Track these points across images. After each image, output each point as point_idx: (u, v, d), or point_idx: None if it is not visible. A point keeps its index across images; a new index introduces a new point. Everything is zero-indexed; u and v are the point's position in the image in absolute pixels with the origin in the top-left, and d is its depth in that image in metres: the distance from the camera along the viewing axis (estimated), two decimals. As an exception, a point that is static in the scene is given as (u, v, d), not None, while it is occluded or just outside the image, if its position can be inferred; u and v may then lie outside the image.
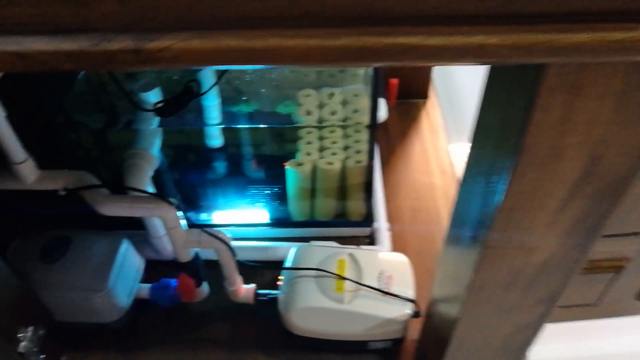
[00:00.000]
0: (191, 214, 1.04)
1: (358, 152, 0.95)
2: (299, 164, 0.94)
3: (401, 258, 0.91)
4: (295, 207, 1.02)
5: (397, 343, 0.88)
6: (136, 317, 0.95)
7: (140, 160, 0.84)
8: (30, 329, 0.80)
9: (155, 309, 0.96)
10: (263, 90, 0.97)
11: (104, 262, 0.87)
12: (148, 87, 0.86)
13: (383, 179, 1.15)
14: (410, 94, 1.35)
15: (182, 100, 0.79)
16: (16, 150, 0.71)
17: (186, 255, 0.82)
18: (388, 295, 0.84)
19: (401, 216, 1.11)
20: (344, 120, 0.96)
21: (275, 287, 0.92)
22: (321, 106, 0.96)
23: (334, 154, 0.95)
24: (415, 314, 0.85)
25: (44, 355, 0.79)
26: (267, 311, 0.95)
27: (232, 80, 0.94)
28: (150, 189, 0.85)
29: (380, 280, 0.86)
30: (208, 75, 0.82)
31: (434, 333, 0.83)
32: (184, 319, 0.96)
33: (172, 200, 0.73)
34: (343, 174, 0.96)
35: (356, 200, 1.02)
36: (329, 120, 0.95)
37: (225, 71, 0.79)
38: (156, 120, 0.88)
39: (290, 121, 0.96)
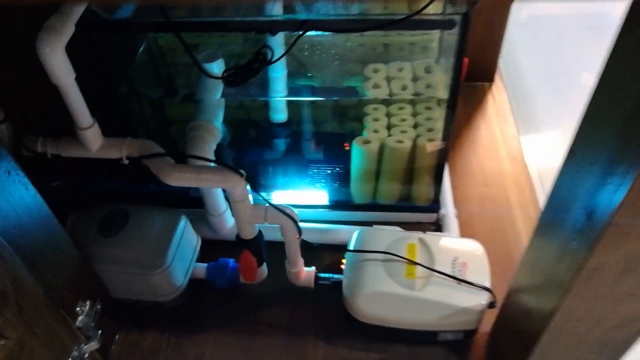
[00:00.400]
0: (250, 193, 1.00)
1: (430, 130, 0.89)
2: (366, 142, 0.89)
3: (475, 245, 0.85)
4: (358, 189, 0.97)
5: (469, 335, 0.82)
6: (192, 297, 0.91)
7: (203, 133, 0.80)
8: (88, 303, 0.77)
9: (212, 289, 0.92)
10: (329, 64, 0.92)
11: (163, 238, 0.84)
12: (211, 58, 0.82)
13: (448, 163, 1.08)
14: (476, 77, 1.27)
15: (253, 69, 0.74)
16: (84, 114, 0.68)
17: (251, 232, 0.77)
18: (463, 283, 0.78)
19: (468, 203, 1.04)
20: (415, 95, 0.90)
21: (337, 272, 0.88)
22: (390, 80, 0.90)
23: (403, 131, 0.89)
24: (491, 305, 0.79)
25: (100, 331, 0.76)
26: (327, 296, 0.91)
27: (297, 54, 0.89)
28: (213, 162, 0.81)
29: (454, 267, 0.80)
30: (278, 42, 0.77)
31: (512, 326, 0.77)
32: (241, 301, 0.92)
33: (242, 171, 0.69)
34: (413, 153, 0.90)
35: (424, 183, 0.95)
36: (399, 94, 0.89)
37: (297, 38, 0.74)
38: (220, 90, 0.84)
39: (357, 95, 0.90)
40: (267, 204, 0.75)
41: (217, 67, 0.83)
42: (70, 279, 0.73)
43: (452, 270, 0.79)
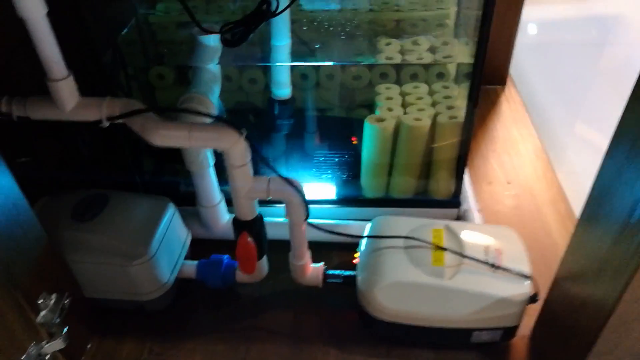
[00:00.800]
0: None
1: (450, 107, 0.80)
2: (380, 120, 0.79)
3: (508, 231, 0.74)
4: (369, 179, 0.86)
5: (507, 336, 0.69)
6: (179, 300, 0.78)
7: (197, 106, 0.70)
8: (54, 296, 0.64)
9: (203, 291, 0.80)
10: (335, 40, 0.84)
11: (147, 225, 0.72)
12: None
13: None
14: (488, 80, 1.21)
15: (251, 22, 0.65)
16: (57, 62, 0.58)
17: (250, 210, 0.66)
18: (500, 271, 0.67)
19: (491, 200, 0.94)
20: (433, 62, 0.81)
21: (349, 269, 0.76)
22: (404, 52, 0.82)
23: (420, 109, 0.80)
24: (533, 299, 0.67)
25: (66, 327, 0.63)
26: (337, 299, 0.78)
27: (301, 31, 0.81)
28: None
29: (487, 254, 0.68)
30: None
31: (560, 324, 0.65)
32: (237, 304, 0.79)
33: (242, 129, 0.58)
34: (432, 133, 0.80)
35: (443, 175, 0.85)
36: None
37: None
38: (216, 61, 0.75)
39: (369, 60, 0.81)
40: (269, 177, 0.64)
41: (213, 40, 0.75)
42: (33, 266, 0.61)
43: (486, 257, 0.68)
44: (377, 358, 0.71)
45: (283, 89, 0.79)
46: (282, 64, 0.77)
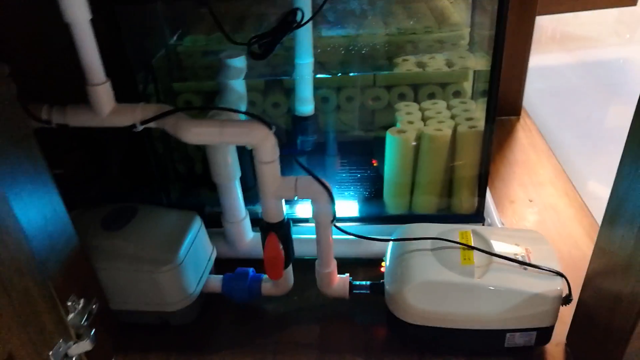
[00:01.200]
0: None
1: (469, 119, 0.82)
2: (401, 132, 0.81)
3: (536, 234, 0.73)
4: (392, 194, 0.87)
5: (542, 338, 0.67)
6: (204, 315, 0.77)
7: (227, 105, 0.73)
8: (82, 301, 0.64)
9: (228, 307, 0.79)
10: (355, 60, 0.87)
11: (175, 234, 0.73)
12: (233, 55, 0.78)
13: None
14: (503, 111, 1.24)
15: (277, 36, 0.69)
16: (97, 67, 0.62)
17: (277, 212, 0.67)
18: (530, 268, 0.66)
19: (514, 216, 0.94)
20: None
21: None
22: (422, 67, 0.85)
23: (440, 122, 0.82)
24: (566, 299, 0.65)
25: (93, 330, 0.62)
26: (365, 313, 0.77)
27: (322, 50, 0.85)
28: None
29: (516, 253, 0.68)
30: (305, 6, 0.72)
31: (595, 324, 0.63)
32: (262, 319, 0.78)
33: (271, 124, 0.61)
34: (454, 145, 0.82)
35: (467, 189, 0.85)
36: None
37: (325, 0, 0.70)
38: (242, 78, 0.79)
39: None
40: (296, 176, 0.65)
41: (239, 63, 0.79)
42: (65, 267, 0.62)
43: (515, 257, 0.67)
44: (409, 367, 0.69)
45: (306, 105, 0.82)
46: (306, 75, 0.80)
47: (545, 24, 1.88)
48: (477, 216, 0.87)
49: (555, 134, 1.20)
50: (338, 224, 0.70)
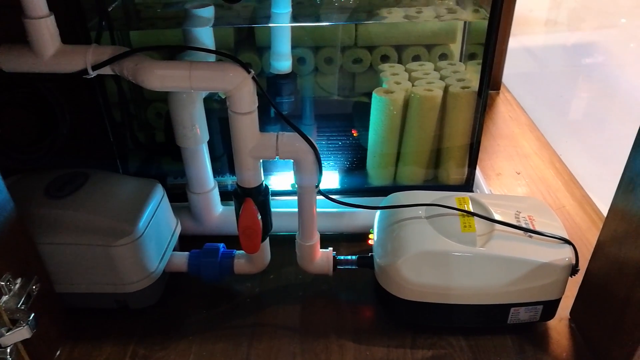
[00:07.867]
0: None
1: (461, 79, 0.75)
2: (388, 92, 0.74)
3: (536, 201, 0.67)
4: (376, 165, 0.79)
5: (547, 313, 0.61)
6: (167, 298, 0.68)
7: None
8: (19, 280, 0.54)
9: (195, 288, 0.70)
10: (336, 12, 0.79)
11: (133, 203, 0.63)
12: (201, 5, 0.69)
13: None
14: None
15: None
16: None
17: (255, 176, 0.58)
18: (536, 236, 0.59)
19: (504, 188, 0.88)
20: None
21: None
22: (408, 19, 0.77)
23: (429, 82, 0.75)
24: (573, 270, 0.59)
25: (32, 315, 0.52)
26: (350, 290, 0.69)
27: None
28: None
29: (519, 220, 0.61)
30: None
31: (602, 293, 0.57)
32: (236, 301, 0.69)
33: (249, 68, 0.52)
34: (444, 108, 0.75)
35: (455, 160, 0.79)
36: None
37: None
38: (210, 25, 0.69)
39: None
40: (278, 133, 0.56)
41: (207, 12, 0.70)
42: (-2, 239, 0.51)
43: (519, 224, 0.61)
44: (403, 349, 0.61)
45: (283, 61, 0.73)
46: (281, 24, 0.71)
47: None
48: (467, 188, 0.81)
49: (535, 109, 1.16)
50: (318, 196, 0.62)
